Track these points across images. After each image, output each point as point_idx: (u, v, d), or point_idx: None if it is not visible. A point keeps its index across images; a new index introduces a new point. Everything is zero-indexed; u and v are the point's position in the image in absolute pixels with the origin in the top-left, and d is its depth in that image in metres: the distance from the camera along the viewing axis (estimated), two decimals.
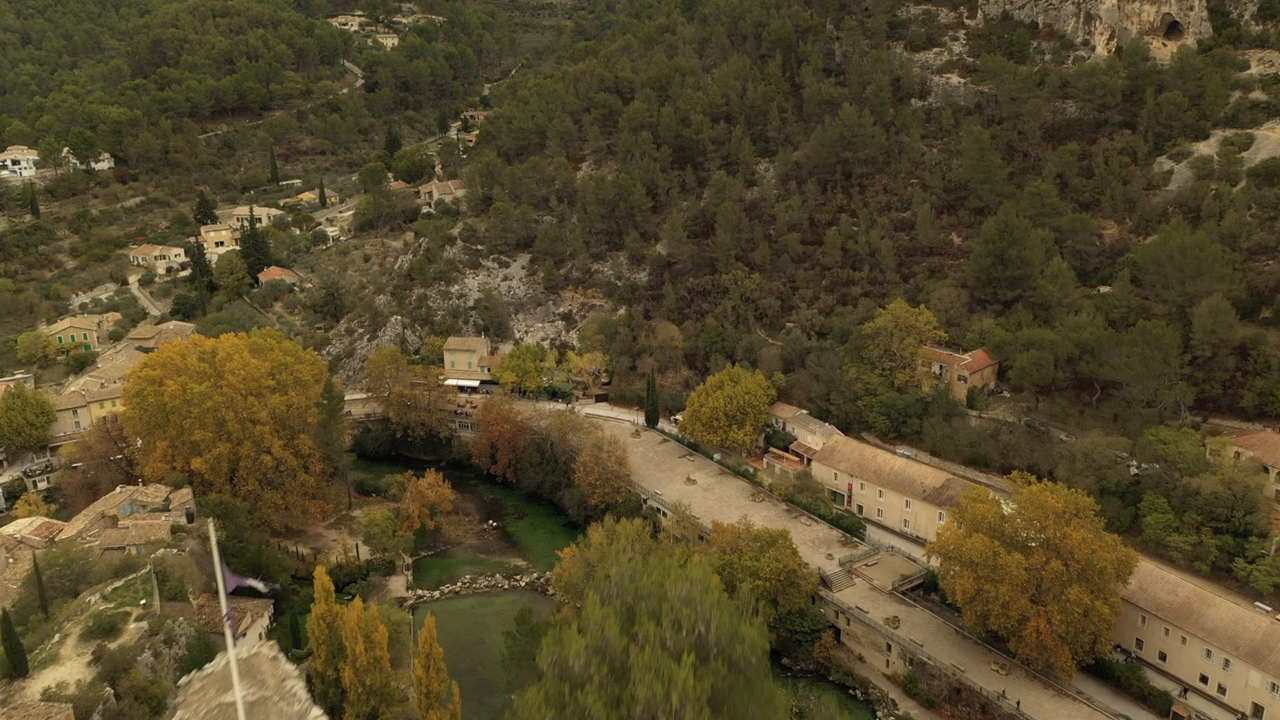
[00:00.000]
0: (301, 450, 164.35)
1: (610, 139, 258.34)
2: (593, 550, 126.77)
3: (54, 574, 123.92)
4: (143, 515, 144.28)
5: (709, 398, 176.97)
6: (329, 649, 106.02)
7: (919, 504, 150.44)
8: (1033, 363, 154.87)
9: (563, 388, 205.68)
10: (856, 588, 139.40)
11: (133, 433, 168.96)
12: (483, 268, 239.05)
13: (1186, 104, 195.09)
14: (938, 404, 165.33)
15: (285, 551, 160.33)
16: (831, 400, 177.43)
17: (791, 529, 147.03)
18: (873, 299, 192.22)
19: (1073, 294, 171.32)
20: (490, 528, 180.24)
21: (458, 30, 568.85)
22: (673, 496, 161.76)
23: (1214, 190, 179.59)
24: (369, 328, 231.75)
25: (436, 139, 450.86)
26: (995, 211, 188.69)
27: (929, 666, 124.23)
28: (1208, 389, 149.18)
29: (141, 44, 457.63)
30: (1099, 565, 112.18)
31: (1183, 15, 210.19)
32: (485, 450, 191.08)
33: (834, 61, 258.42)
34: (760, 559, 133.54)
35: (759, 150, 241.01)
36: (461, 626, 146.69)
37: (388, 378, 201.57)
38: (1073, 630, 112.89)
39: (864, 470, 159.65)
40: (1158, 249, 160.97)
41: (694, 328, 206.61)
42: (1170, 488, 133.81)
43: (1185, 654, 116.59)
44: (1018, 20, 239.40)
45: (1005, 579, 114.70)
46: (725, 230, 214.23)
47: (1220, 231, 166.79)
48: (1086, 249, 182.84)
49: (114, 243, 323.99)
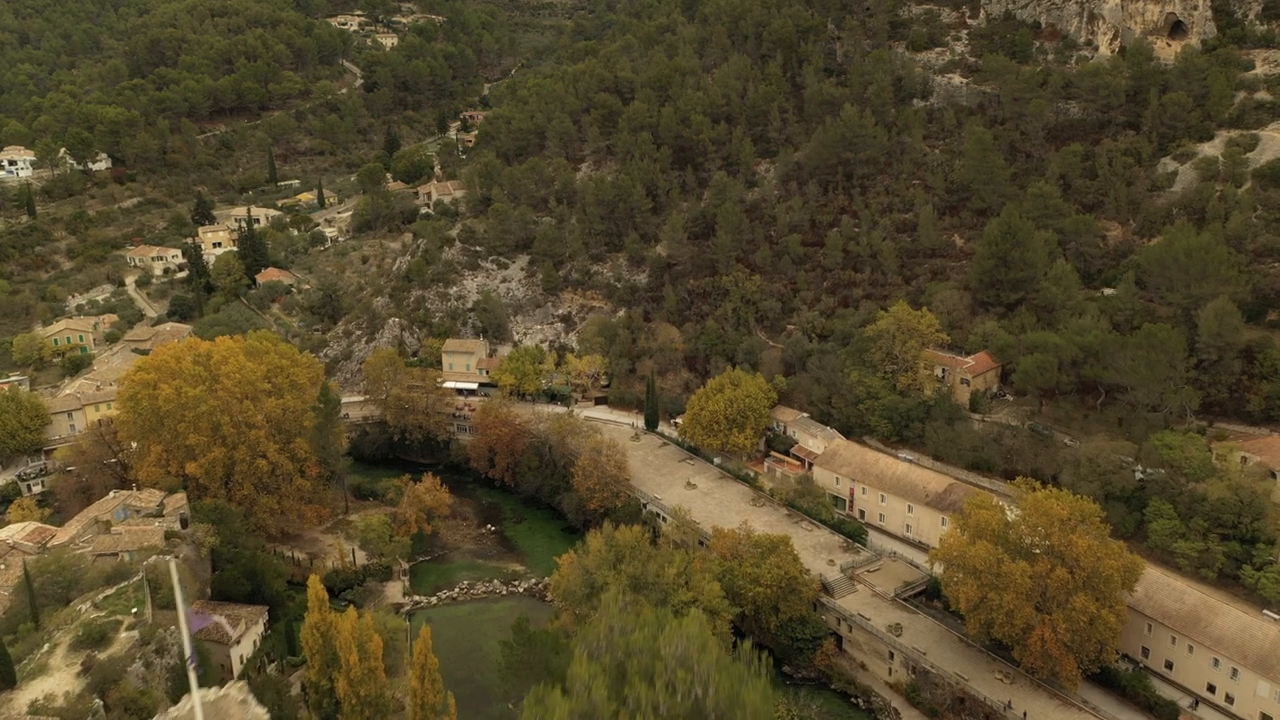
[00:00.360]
0: (297, 454, 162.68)
1: (610, 139, 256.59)
2: (591, 558, 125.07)
3: (45, 581, 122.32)
4: (136, 521, 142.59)
5: (709, 401, 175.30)
6: (323, 659, 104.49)
7: (921, 509, 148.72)
8: (1037, 366, 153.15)
9: (562, 390, 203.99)
10: (858, 594, 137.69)
11: (126, 437, 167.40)
12: (481, 269, 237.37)
13: (1191, 104, 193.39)
14: (940, 407, 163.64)
15: (281, 557, 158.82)
16: (833, 404, 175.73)
17: (792, 534, 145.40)
18: (874, 301, 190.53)
19: (1076, 296, 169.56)
20: (488, 532, 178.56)
21: (457, 30, 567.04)
22: (672, 501, 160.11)
23: (1219, 192, 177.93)
24: (367, 330, 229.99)
25: (436, 139, 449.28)
26: (998, 213, 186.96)
27: (932, 675, 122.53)
28: (1213, 393, 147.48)
29: (139, 44, 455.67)
30: (1105, 573, 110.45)
31: (1187, 15, 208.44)
32: (483, 454, 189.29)
33: (835, 61, 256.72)
34: (761, 565, 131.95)
35: (760, 151, 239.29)
36: (459, 633, 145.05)
37: (385, 380, 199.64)
38: (1078, 639, 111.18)
39: (866, 475, 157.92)
40: (1163, 251, 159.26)
41: (694, 330, 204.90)
42: (1176, 493, 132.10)
43: (1192, 663, 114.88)
44: (1020, 20, 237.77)
45: (1010, 587, 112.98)
46: (726, 231, 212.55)
47: (1225, 233, 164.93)
48: (1090, 251, 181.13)
49: (111, 244, 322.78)
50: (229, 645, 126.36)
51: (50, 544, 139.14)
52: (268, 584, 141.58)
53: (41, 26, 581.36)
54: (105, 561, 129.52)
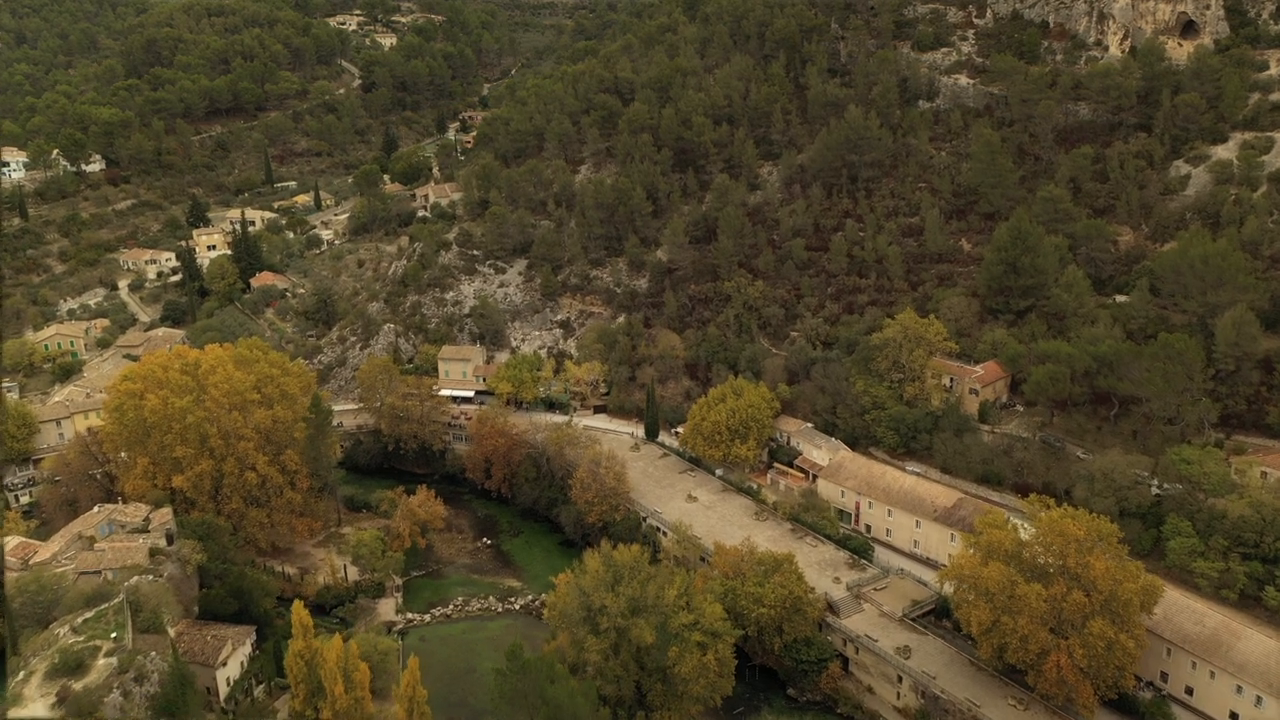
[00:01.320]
0: (288, 466, 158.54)
1: (610, 141, 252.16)
2: (588, 578, 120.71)
3: (25, 601, 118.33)
4: (121, 536, 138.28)
5: (711, 411, 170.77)
6: (308, 688, 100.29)
7: (930, 524, 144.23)
8: (1049, 377, 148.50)
9: (560, 399, 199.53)
10: (865, 614, 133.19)
11: (112, 448, 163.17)
12: (479, 274, 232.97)
13: (1204, 106, 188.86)
14: (948, 418, 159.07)
15: (271, 572, 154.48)
16: (838, 413, 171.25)
17: (797, 550, 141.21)
18: (880, 308, 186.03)
19: (1088, 304, 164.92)
20: (484, 546, 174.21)
21: (457, 30, 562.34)
22: (673, 515, 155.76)
23: (1233, 195, 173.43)
24: (361, 336, 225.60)
25: (434, 140, 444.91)
26: (1006, 217, 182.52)
27: (942, 700, 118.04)
28: (1231, 404, 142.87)
29: (135, 44, 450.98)
30: (1123, 597, 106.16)
31: (1199, 14, 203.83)
32: (480, 464, 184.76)
33: (839, 62, 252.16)
34: (765, 585, 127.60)
35: (762, 153, 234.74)
36: (452, 653, 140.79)
37: (380, 388, 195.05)
38: (1095, 665, 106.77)
39: (872, 488, 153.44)
40: (1177, 258, 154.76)
41: (695, 336, 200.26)
42: (1194, 510, 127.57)
43: (1214, 689, 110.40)
44: (1028, 19, 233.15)
45: (1024, 610, 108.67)
46: (728, 236, 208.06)
47: (1241, 239, 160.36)
48: (1101, 256, 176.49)
49: (104, 246, 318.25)
50: (215, 668, 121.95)
51: (33, 561, 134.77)
52: (256, 602, 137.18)
53: (39, 26, 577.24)
54: (88, 580, 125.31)
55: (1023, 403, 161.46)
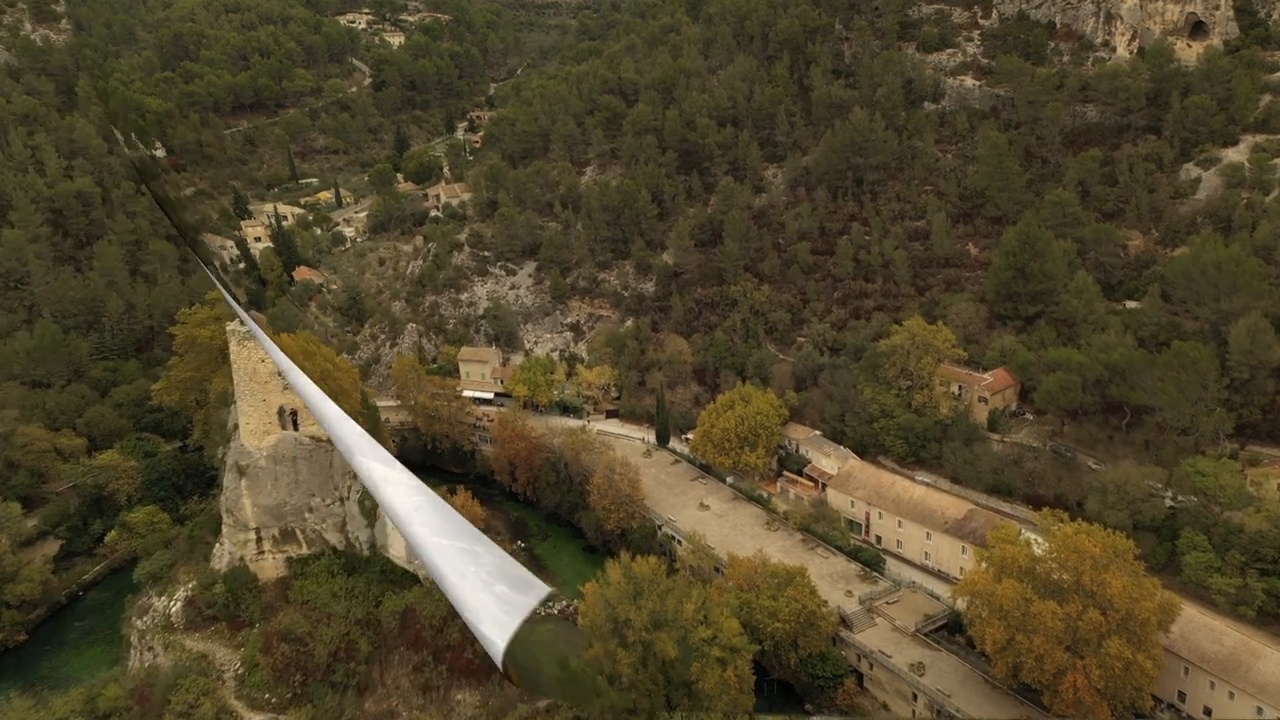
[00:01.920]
0: None
1: (614, 142, 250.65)
2: (612, 590, 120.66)
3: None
4: None
5: (720, 418, 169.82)
6: None
7: (940, 536, 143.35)
8: (1060, 386, 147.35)
9: (574, 402, 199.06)
10: (878, 628, 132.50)
11: None
12: (491, 275, 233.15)
13: (1214, 108, 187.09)
14: (958, 427, 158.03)
15: None
16: (846, 421, 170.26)
17: (809, 561, 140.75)
18: (887, 313, 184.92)
19: (1098, 310, 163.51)
20: (520, 549, 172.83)
21: (463, 29, 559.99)
22: (687, 524, 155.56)
23: (1245, 199, 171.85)
24: (389, 334, 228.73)
25: (444, 139, 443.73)
26: (1013, 221, 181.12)
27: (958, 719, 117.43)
28: (1245, 414, 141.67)
29: (165, 37, 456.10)
30: (1140, 615, 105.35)
31: (1208, 15, 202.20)
32: (505, 467, 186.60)
33: (843, 63, 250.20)
34: (779, 598, 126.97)
35: (767, 155, 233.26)
36: None
37: (411, 387, 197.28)
38: (1113, 685, 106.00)
39: (882, 498, 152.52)
40: (1189, 263, 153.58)
41: (702, 341, 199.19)
42: (1210, 523, 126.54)
43: (1234, 710, 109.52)
44: (1034, 20, 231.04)
45: (1039, 629, 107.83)
46: (733, 239, 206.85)
47: (1253, 244, 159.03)
48: (1111, 261, 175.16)
49: None
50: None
51: None
52: None
53: (88, 16, 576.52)
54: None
55: (1032, 411, 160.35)
